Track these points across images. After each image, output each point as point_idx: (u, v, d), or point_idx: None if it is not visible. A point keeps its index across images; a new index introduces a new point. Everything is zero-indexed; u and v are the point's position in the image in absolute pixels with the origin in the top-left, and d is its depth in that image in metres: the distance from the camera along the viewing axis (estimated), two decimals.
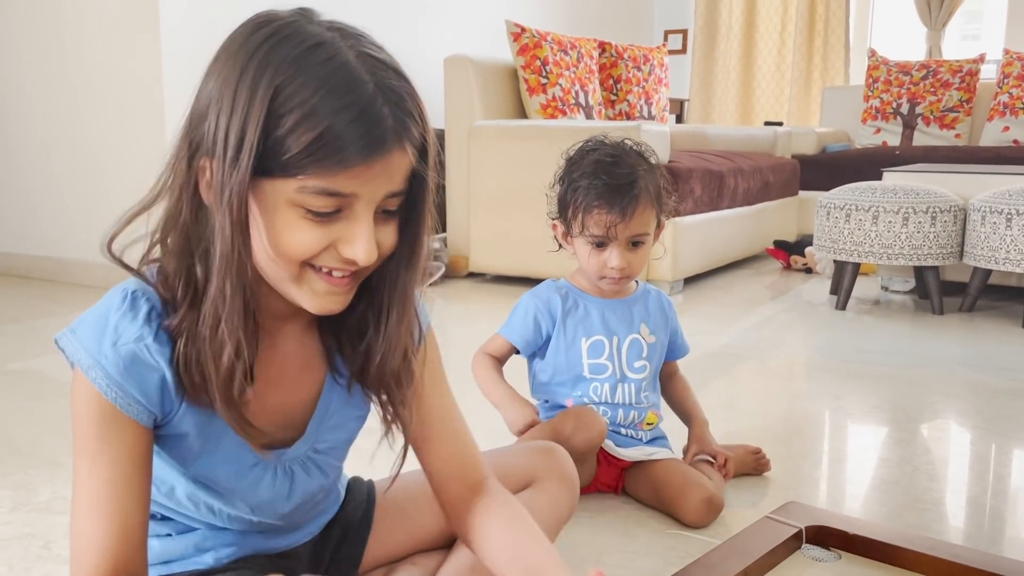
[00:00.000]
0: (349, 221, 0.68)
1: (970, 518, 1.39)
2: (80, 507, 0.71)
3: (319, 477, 0.85)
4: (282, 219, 0.67)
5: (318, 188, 0.65)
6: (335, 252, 0.69)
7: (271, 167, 0.65)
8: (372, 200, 0.68)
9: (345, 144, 0.64)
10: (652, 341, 1.42)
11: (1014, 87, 4.61)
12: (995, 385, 2.12)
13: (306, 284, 0.71)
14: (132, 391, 0.70)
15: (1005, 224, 2.70)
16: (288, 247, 0.68)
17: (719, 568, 1.07)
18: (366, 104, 0.65)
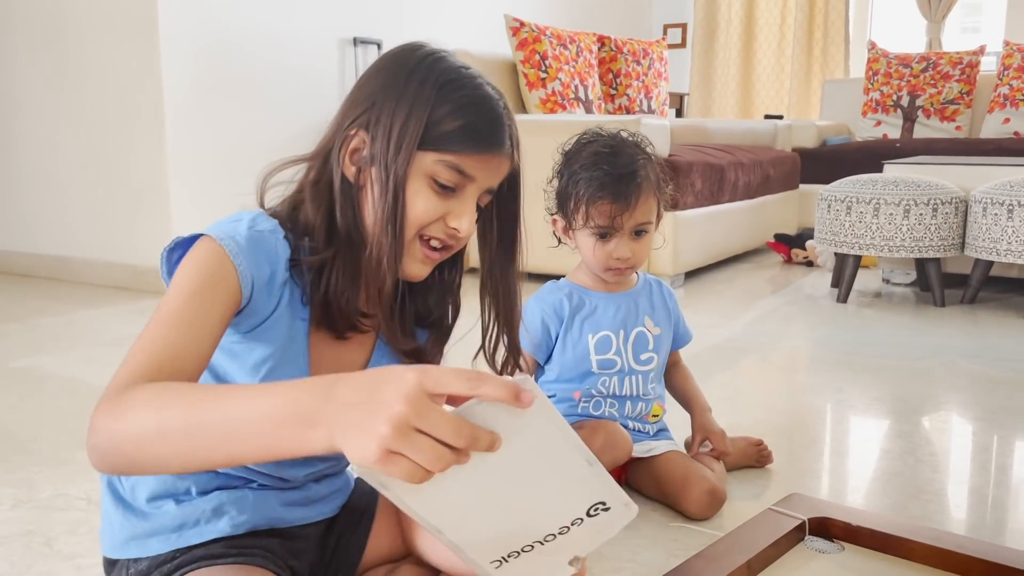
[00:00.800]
0: (459, 200, 0.85)
1: (973, 509, 1.38)
2: (158, 321, 0.74)
3: None
4: (415, 187, 0.83)
5: (452, 163, 0.83)
6: (442, 224, 0.85)
7: (425, 141, 0.82)
8: (480, 187, 0.86)
9: (482, 135, 0.84)
10: (657, 333, 1.41)
11: (1014, 79, 4.61)
12: (997, 376, 2.12)
13: (411, 250, 0.86)
14: (250, 260, 0.79)
15: (1006, 216, 2.70)
16: (414, 213, 0.84)
17: (722, 560, 1.07)
18: (499, 114, 0.86)
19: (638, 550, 1.21)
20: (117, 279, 3.20)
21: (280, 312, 0.84)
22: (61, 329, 2.61)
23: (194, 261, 0.78)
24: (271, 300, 0.82)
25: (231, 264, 0.78)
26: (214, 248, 0.78)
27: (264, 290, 0.81)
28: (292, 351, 0.85)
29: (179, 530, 0.85)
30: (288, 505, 0.92)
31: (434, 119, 0.82)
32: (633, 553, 1.20)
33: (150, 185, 3.09)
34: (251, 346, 0.84)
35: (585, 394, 1.37)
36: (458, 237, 0.87)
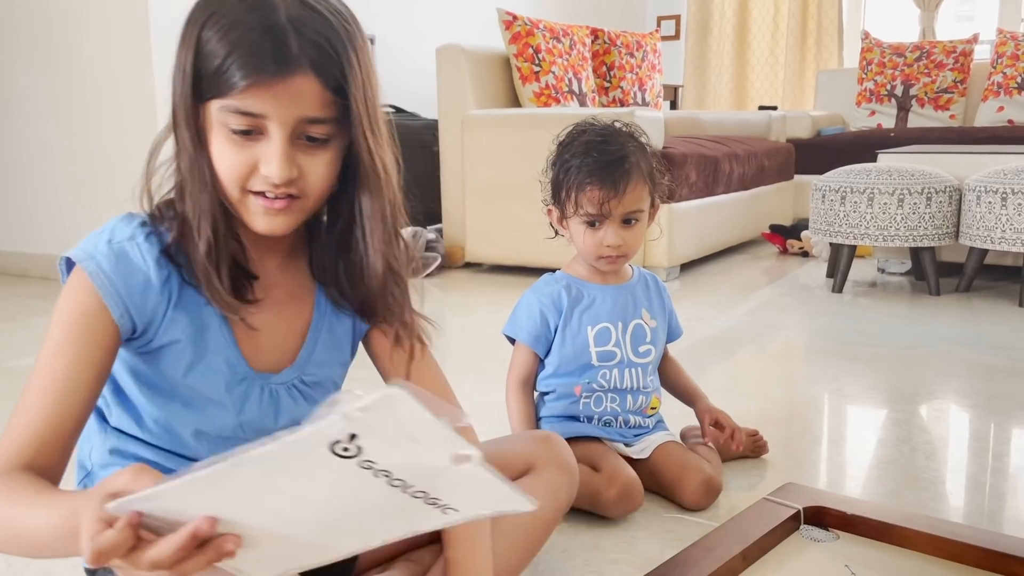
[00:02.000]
0: (263, 143, 0.75)
1: (969, 496, 1.39)
2: (29, 392, 0.75)
3: (305, 407, 0.87)
4: (216, 140, 0.76)
5: (231, 106, 0.73)
6: (259, 174, 0.76)
7: (202, 90, 0.74)
8: (284, 122, 0.74)
9: (247, 63, 0.71)
10: (654, 325, 1.41)
11: (1008, 67, 4.61)
12: (992, 364, 2.12)
13: (248, 206, 0.78)
14: (118, 283, 0.76)
15: (1000, 204, 2.70)
16: (223, 169, 0.76)
17: (718, 550, 1.07)
18: (269, 29, 0.72)
19: (634, 541, 1.21)
20: None
21: (174, 311, 0.79)
22: None
23: (65, 304, 0.76)
24: (160, 304, 0.78)
25: (100, 302, 0.75)
26: (82, 284, 0.76)
27: (145, 301, 0.78)
28: (210, 340, 0.81)
29: None
30: None
31: (201, 62, 0.73)
32: (629, 544, 1.20)
33: None
34: (162, 353, 0.80)
35: (586, 388, 1.37)
36: (279, 184, 0.76)
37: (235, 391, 0.83)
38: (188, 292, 0.80)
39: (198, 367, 0.81)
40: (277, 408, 0.86)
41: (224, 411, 0.83)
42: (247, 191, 0.77)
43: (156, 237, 0.79)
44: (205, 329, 0.81)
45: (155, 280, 0.78)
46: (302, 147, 0.76)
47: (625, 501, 1.25)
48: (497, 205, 3.33)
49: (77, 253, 0.77)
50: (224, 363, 0.82)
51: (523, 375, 1.39)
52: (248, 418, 0.84)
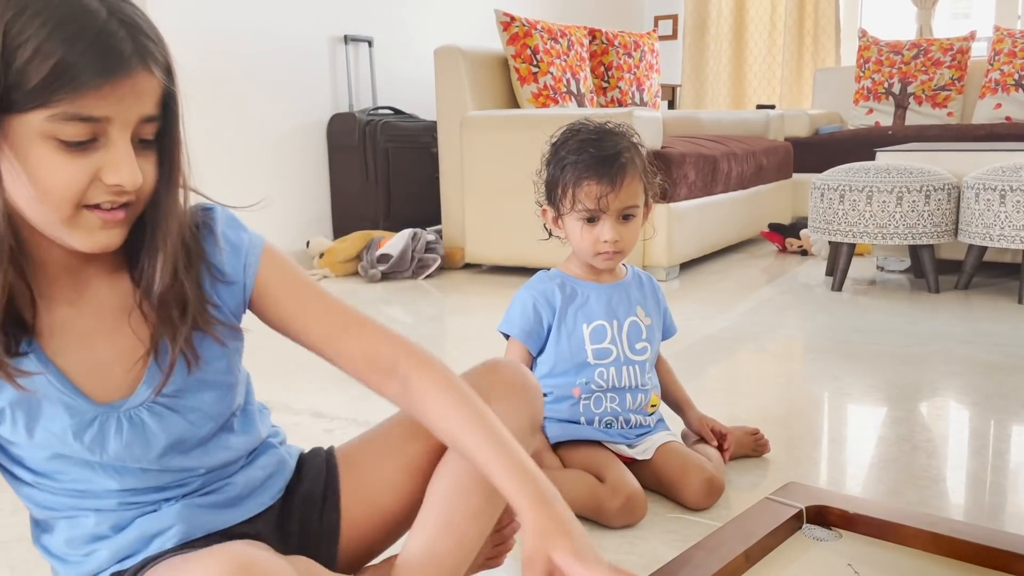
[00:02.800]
0: (107, 149, 0.69)
1: (970, 494, 1.39)
2: None
3: (177, 421, 0.81)
4: (37, 156, 0.67)
5: (68, 114, 0.66)
6: (100, 184, 0.69)
7: (16, 100, 0.65)
8: (126, 123, 0.69)
9: (82, 69, 0.65)
10: (649, 323, 1.41)
11: (1005, 64, 4.61)
12: (992, 361, 2.13)
13: (81, 224, 0.70)
14: None
15: (999, 201, 2.71)
16: (53, 187, 0.68)
17: (721, 550, 1.07)
18: (100, 29, 0.66)
19: (637, 541, 1.21)
20: None
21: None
22: None
23: None
24: None
25: None
26: None
27: None
28: (39, 394, 0.75)
29: (121, 563, 0.81)
30: (216, 509, 0.84)
31: (16, 69, 0.64)
32: (632, 544, 1.20)
33: None
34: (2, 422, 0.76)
35: (584, 389, 1.36)
36: (126, 192, 0.70)
37: (89, 431, 0.77)
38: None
39: (42, 424, 0.75)
40: (145, 432, 0.79)
41: (90, 453, 0.77)
42: (80, 207, 0.69)
43: None
44: (28, 383, 0.74)
45: None
46: (137, 150, 0.71)
47: (628, 513, 1.25)
48: (496, 206, 3.33)
49: None
50: (63, 410, 0.75)
51: None
52: (121, 451, 0.78)
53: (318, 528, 0.91)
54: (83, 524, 0.81)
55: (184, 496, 0.83)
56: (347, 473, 0.93)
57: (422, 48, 3.86)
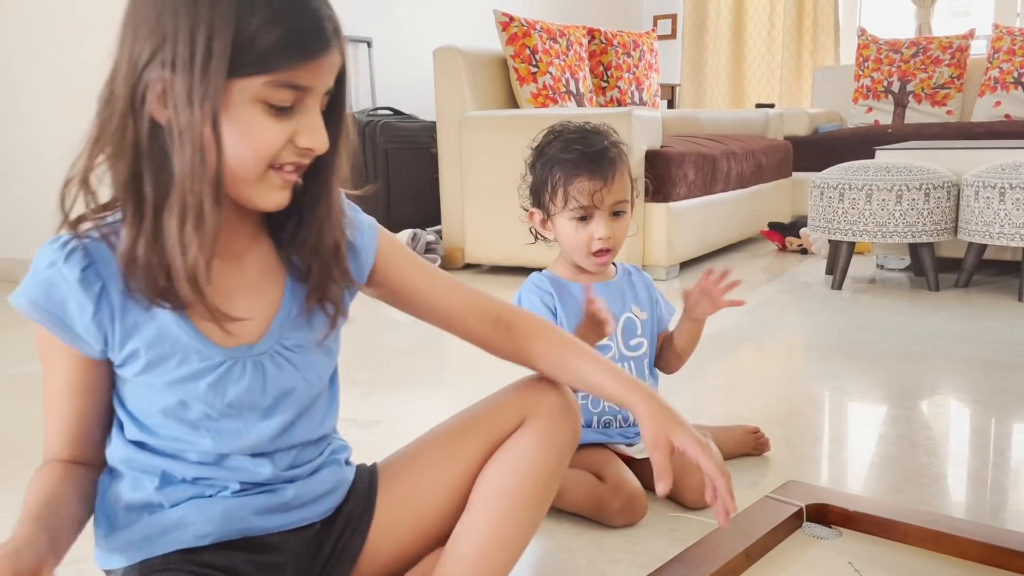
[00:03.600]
0: (302, 115, 0.77)
1: (970, 492, 1.39)
2: (46, 404, 0.84)
3: (293, 373, 0.86)
4: (247, 118, 0.74)
5: (283, 81, 0.74)
6: (292, 147, 0.77)
7: (241, 65, 0.72)
8: (319, 94, 0.78)
9: (307, 40, 0.74)
10: (644, 318, 1.41)
11: (1004, 62, 4.61)
12: (993, 359, 2.12)
13: (266, 182, 0.78)
14: (57, 314, 0.78)
15: (999, 199, 2.70)
16: (256, 146, 0.75)
17: (720, 548, 1.07)
18: (316, 9, 0.75)
19: (637, 540, 1.21)
20: None
21: (122, 322, 0.78)
22: None
23: (37, 337, 0.82)
24: (103, 320, 0.78)
25: (52, 336, 0.80)
26: (39, 332, 0.81)
27: (87, 322, 0.78)
28: (170, 337, 0.80)
29: (143, 544, 0.83)
30: (263, 512, 0.86)
31: (246, 38, 0.71)
32: (632, 543, 1.20)
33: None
34: (127, 367, 0.81)
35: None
36: (311, 155, 0.79)
37: (209, 376, 0.81)
38: (128, 299, 0.78)
39: (165, 367, 0.80)
40: (264, 378, 0.84)
41: (206, 400, 0.82)
42: (269, 168, 0.77)
43: (80, 252, 0.77)
44: (163, 328, 0.79)
45: (87, 299, 0.77)
46: None
47: (629, 513, 1.25)
48: (496, 206, 3.33)
49: (16, 297, 0.80)
50: (192, 354, 0.81)
51: None
52: (236, 397, 0.83)
53: (341, 550, 0.92)
54: (145, 488, 0.84)
55: (239, 493, 0.85)
56: (387, 489, 0.95)
57: (421, 48, 3.86)
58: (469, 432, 0.95)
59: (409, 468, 0.97)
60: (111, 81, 0.77)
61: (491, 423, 0.94)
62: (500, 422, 0.94)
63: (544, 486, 0.92)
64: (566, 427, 0.96)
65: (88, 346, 0.79)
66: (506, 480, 0.91)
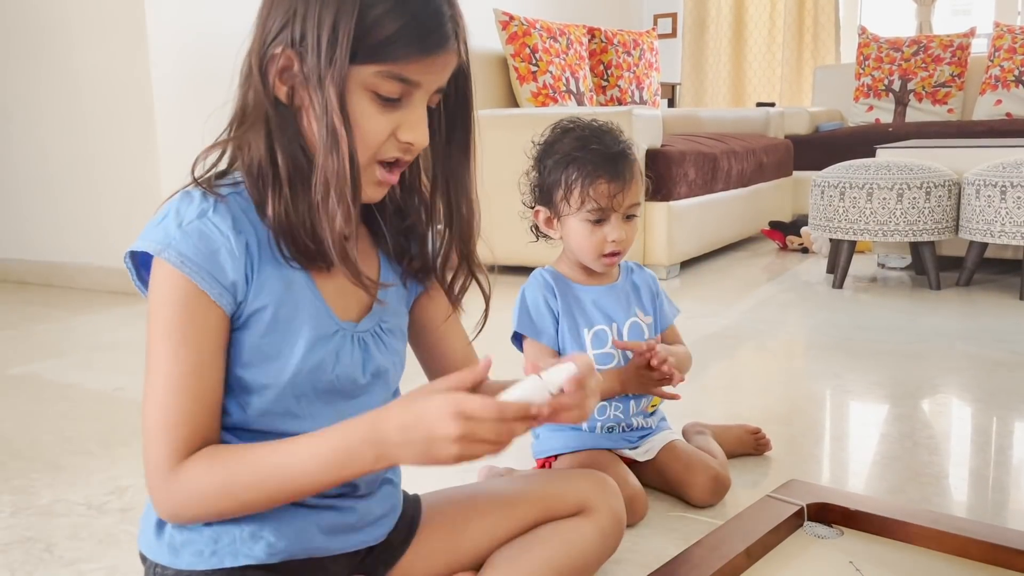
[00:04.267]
0: (407, 110, 0.78)
1: (972, 491, 1.39)
2: (163, 385, 0.76)
3: (387, 353, 0.89)
4: (358, 106, 0.76)
5: (393, 73, 0.75)
6: (394, 140, 0.78)
7: (358, 52, 0.74)
8: (427, 92, 0.79)
9: (424, 36, 0.75)
10: (649, 322, 1.39)
11: (1005, 60, 4.60)
12: (994, 358, 2.12)
13: (369, 174, 0.80)
14: (206, 265, 0.76)
15: (1000, 197, 2.70)
16: (362, 134, 0.77)
17: (722, 548, 1.07)
18: (436, 7, 0.76)
19: (638, 540, 1.21)
20: (111, 284, 3.20)
21: (259, 276, 0.79)
22: (57, 335, 2.60)
23: (162, 300, 0.76)
24: (247, 272, 0.78)
25: (196, 289, 0.75)
26: (171, 276, 0.75)
27: (235, 273, 0.77)
28: (298, 298, 0.81)
29: (213, 546, 0.81)
30: (330, 533, 0.86)
31: (366, 24, 0.73)
32: (633, 543, 1.20)
33: (142, 189, 3.09)
34: (251, 322, 0.79)
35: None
36: (412, 150, 0.81)
37: (328, 344, 0.83)
38: (266, 255, 0.79)
39: (290, 327, 0.80)
40: (366, 355, 0.86)
41: (321, 367, 0.83)
42: (374, 160, 0.79)
43: (223, 206, 0.78)
44: (290, 288, 0.81)
45: (237, 250, 0.77)
46: None
47: (630, 512, 1.23)
48: (496, 205, 3.30)
49: (151, 245, 0.76)
50: (314, 318, 0.82)
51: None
52: (343, 370, 0.84)
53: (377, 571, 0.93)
54: None
55: (311, 507, 0.84)
56: (428, 527, 0.96)
57: None
58: (526, 500, 0.97)
59: (456, 514, 0.98)
60: (248, 55, 0.79)
61: (550, 500, 0.96)
62: (559, 503, 0.97)
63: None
64: (617, 535, 1.00)
65: (230, 299, 0.77)
66: (556, 559, 0.92)
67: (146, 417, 0.76)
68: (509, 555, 0.93)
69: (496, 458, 0.97)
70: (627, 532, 1.22)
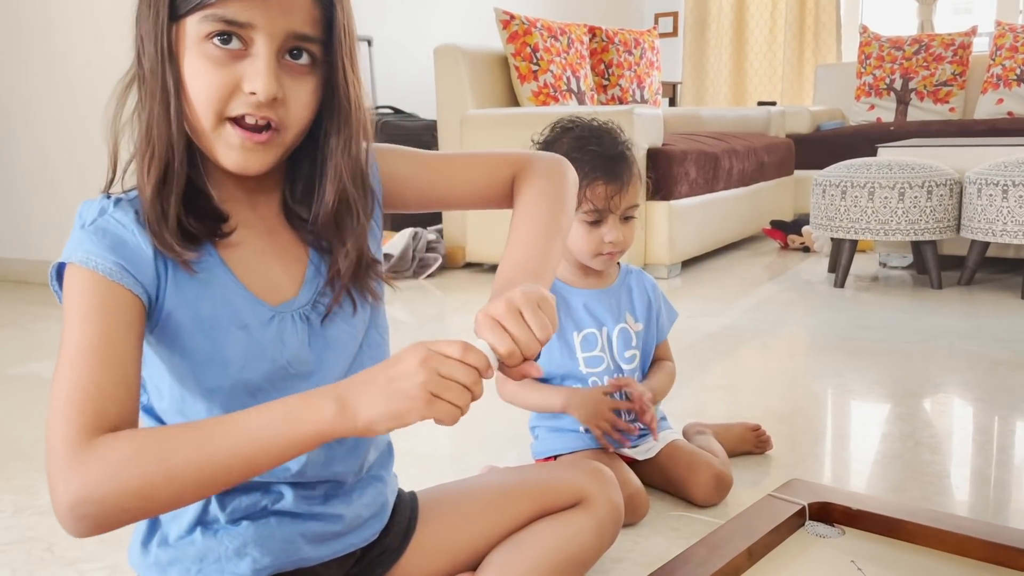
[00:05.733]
0: (252, 59, 0.71)
1: (974, 490, 1.38)
2: (72, 361, 0.69)
3: (339, 323, 0.83)
4: (191, 63, 0.71)
5: (215, 15, 0.69)
6: (241, 94, 0.71)
7: (178, 5, 0.70)
8: (271, 35, 0.71)
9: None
10: (638, 329, 1.39)
11: (1007, 59, 4.60)
12: (996, 357, 2.12)
13: (223, 138, 0.73)
14: (113, 257, 0.72)
15: (1001, 196, 2.70)
16: (198, 91, 0.71)
17: (723, 547, 1.06)
18: None
19: (639, 539, 1.21)
20: None
21: (174, 270, 0.75)
22: (57, 335, 2.59)
23: (74, 300, 0.72)
24: (158, 265, 0.74)
25: (109, 283, 0.71)
26: (83, 276, 0.72)
27: (145, 265, 0.73)
28: (218, 292, 0.77)
29: (199, 565, 0.80)
30: (316, 542, 0.84)
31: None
32: (634, 542, 1.20)
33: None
34: (172, 320, 0.75)
35: None
36: (263, 103, 0.71)
37: (267, 332, 0.79)
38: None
39: (215, 325, 0.77)
40: (310, 330, 0.81)
41: (266, 357, 0.79)
42: (224, 119, 0.72)
43: (125, 202, 0.76)
44: (207, 284, 0.77)
45: (142, 242, 0.74)
46: (287, 68, 0.73)
47: (630, 512, 1.23)
48: None
49: (65, 256, 0.74)
50: (240, 310, 0.78)
51: None
52: (293, 353, 0.80)
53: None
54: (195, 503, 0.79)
55: (294, 516, 0.83)
56: (425, 524, 0.95)
57: (421, 47, 3.86)
58: (523, 494, 0.96)
59: (453, 511, 0.97)
60: None
61: (547, 493, 0.96)
62: (556, 495, 0.96)
63: (581, 570, 0.96)
64: (615, 526, 0.99)
65: (142, 291, 0.73)
66: (554, 554, 0.92)
67: (51, 399, 0.69)
68: (506, 553, 0.93)
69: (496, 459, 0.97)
70: (628, 531, 1.23)
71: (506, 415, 1.49)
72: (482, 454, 1.53)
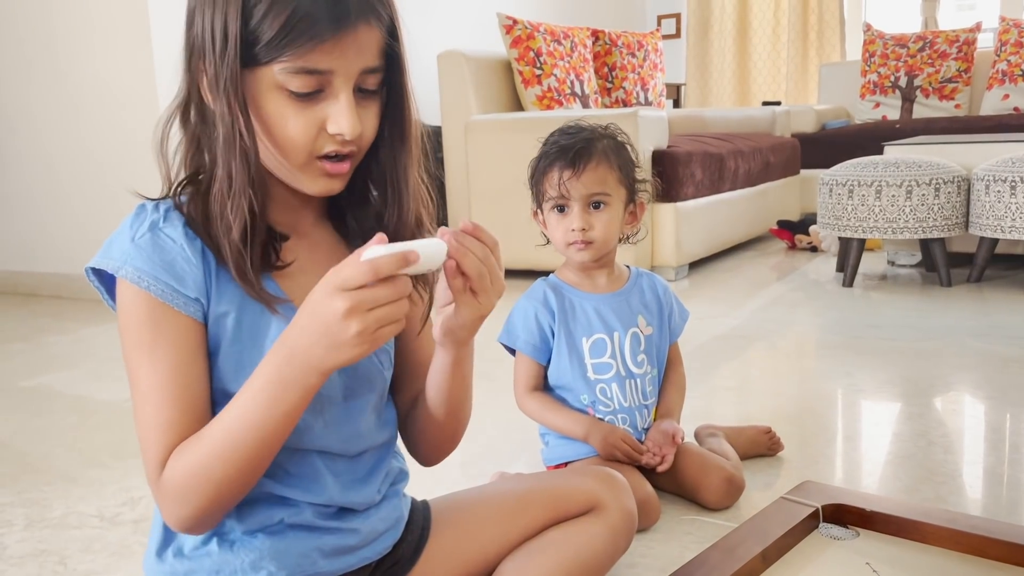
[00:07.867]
0: (331, 100, 0.74)
1: (987, 489, 1.38)
2: (145, 397, 0.76)
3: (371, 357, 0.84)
4: (271, 107, 0.74)
5: (295, 68, 0.72)
6: (326, 134, 0.75)
7: (254, 56, 0.72)
8: (348, 76, 0.74)
9: (314, 21, 0.71)
10: (649, 333, 1.38)
11: (1012, 54, 4.58)
12: (1006, 354, 2.11)
13: (309, 172, 0.77)
14: (164, 278, 0.75)
15: (1010, 192, 2.69)
16: (287, 136, 0.75)
17: (737, 551, 1.06)
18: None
19: (653, 543, 1.20)
20: None
21: (218, 281, 0.77)
22: (67, 347, 2.61)
23: (130, 316, 0.75)
24: (206, 277, 0.77)
25: (160, 304, 0.74)
26: (134, 294, 0.75)
27: (194, 280, 0.76)
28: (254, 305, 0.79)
29: (217, 574, 0.81)
30: (332, 556, 0.84)
31: (254, 23, 0.71)
32: (647, 547, 1.19)
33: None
34: (216, 330, 0.78)
35: (596, 412, 1.34)
36: (349, 142, 0.76)
37: None
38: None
39: (256, 333, 0.78)
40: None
41: None
42: (313, 157, 0.76)
43: (174, 213, 0.78)
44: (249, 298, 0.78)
45: (193, 256, 0.76)
46: (358, 100, 0.76)
47: (642, 516, 1.23)
48: (502, 209, 3.32)
49: (108, 263, 0.76)
50: (282, 320, 0.78)
51: (531, 384, 1.37)
52: None
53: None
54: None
55: (311, 528, 0.83)
56: (438, 533, 0.95)
57: (424, 53, 3.86)
58: (536, 501, 0.96)
59: (466, 519, 0.97)
60: (182, 65, 0.79)
61: (559, 500, 0.95)
62: (569, 502, 0.96)
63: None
64: (628, 532, 0.98)
65: (197, 307, 0.76)
66: (567, 563, 0.92)
67: (137, 432, 0.76)
68: (519, 562, 0.93)
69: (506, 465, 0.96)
70: (640, 537, 1.22)
71: (514, 421, 1.48)
72: (492, 460, 1.53)
